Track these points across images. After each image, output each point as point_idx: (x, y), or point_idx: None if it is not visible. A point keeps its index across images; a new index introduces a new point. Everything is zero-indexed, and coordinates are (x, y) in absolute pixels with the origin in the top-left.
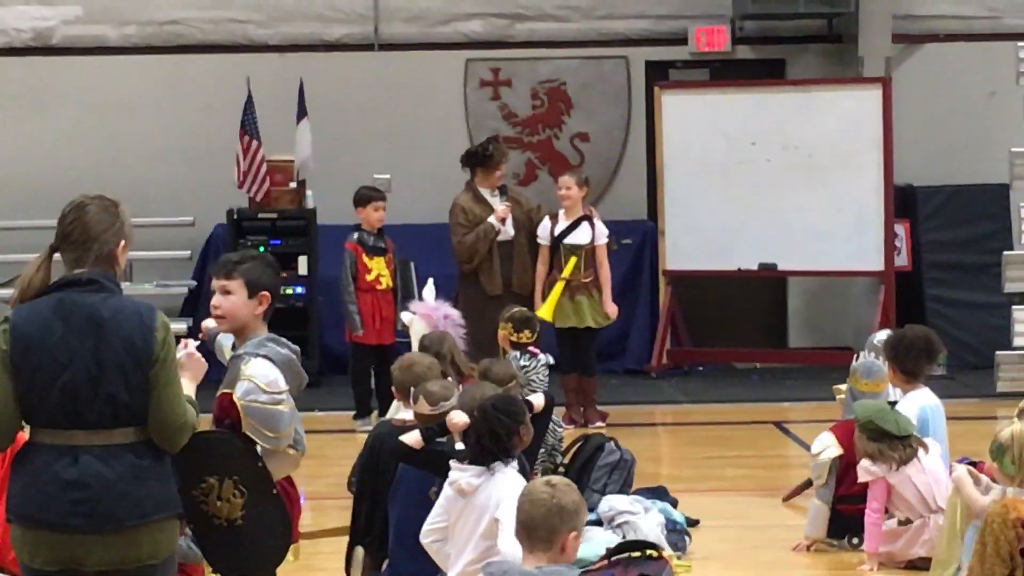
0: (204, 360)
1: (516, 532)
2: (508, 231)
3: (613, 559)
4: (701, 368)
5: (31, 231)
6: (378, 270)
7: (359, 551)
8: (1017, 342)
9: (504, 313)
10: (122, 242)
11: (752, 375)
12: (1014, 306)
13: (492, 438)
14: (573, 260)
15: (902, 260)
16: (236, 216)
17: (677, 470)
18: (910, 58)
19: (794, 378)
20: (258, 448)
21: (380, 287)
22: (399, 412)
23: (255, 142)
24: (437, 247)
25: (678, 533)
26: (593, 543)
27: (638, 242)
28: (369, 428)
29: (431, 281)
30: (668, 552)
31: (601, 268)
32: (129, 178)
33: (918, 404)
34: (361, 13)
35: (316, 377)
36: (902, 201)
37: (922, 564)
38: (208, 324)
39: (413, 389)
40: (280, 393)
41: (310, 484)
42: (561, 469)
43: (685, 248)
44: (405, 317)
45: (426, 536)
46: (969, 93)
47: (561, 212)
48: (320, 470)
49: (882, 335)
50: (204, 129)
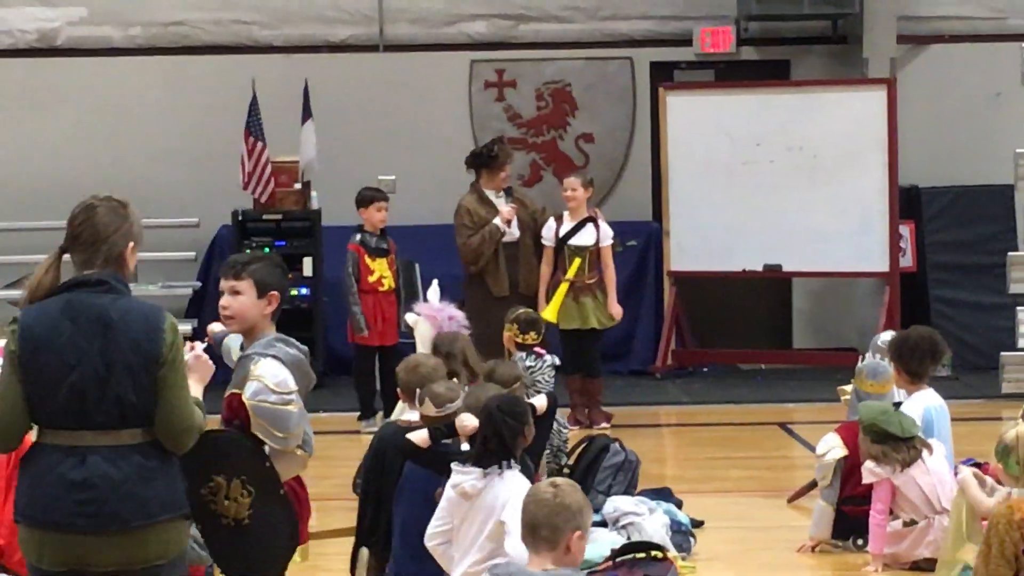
0: (211, 362)
1: (521, 533)
2: (514, 232)
3: (618, 560)
4: (706, 369)
5: (35, 232)
6: (380, 271)
7: (364, 552)
8: (1022, 343)
9: (509, 314)
10: (131, 243)
11: (757, 376)
12: (1019, 307)
13: (496, 440)
14: (577, 261)
15: (907, 261)
16: (241, 217)
17: (682, 471)
18: (915, 59)
19: (799, 379)
20: (266, 448)
21: (382, 288)
22: (404, 413)
23: (260, 143)
24: (442, 248)
25: (683, 534)
26: (598, 544)
27: (643, 243)
28: (374, 429)
29: (435, 282)
30: (673, 553)
31: (606, 269)
32: (133, 179)
33: (922, 405)
34: (366, 14)
35: (321, 378)
36: (907, 202)
37: (927, 565)
38: (214, 328)
39: (419, 391)
40: (290, 393)
41: (316, 485)
42: (566, 470)
43: (690, 249)
44: (410, 318)
45: (431, 539)
46: (974, 94)
47: (566, 213)
48: (325, 471)
49: (886, 336)
50: (209, 130)
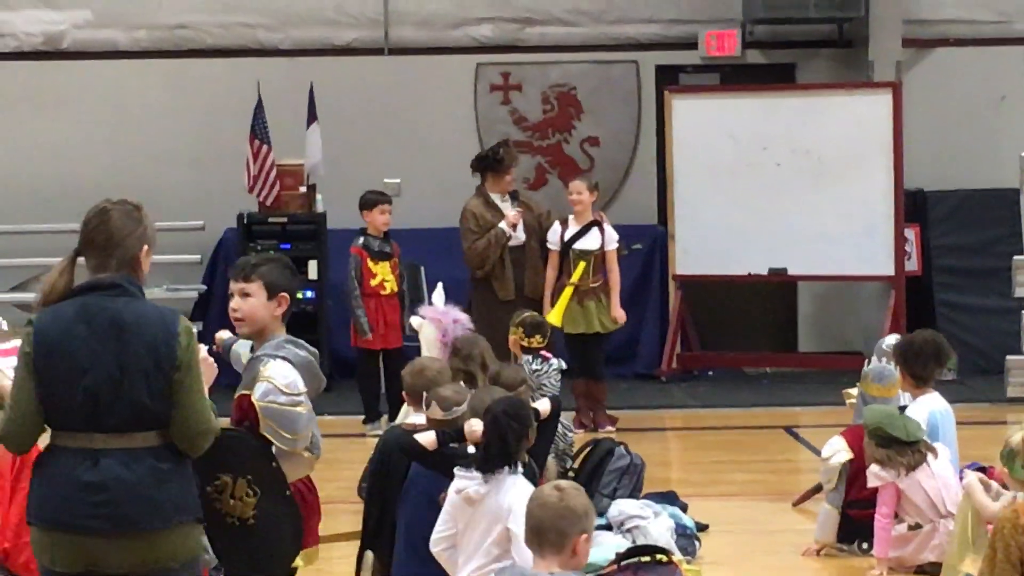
0: (215, 364)
1: (526, 537)
2: (519, 236)
3: (623, 564)
4: (711, 372)
5: (40, 235)
6: (383, 275)
7: (369, 555)
8: None
9: (515, 318)
10: (145, 247)
11: (762, 379)
12: None
13: (499, 444)
14: (582, 265)
15: (912, 265)
16: (246, 220)
17: (687, 475)
18: (920, 63)
19: (804, 383)
20: (273, 449)
21: (384, 292)
22: (409, 416)
23: (265, 146)
24: (447, 251)
25: (688, 538)
26: (602, 548)
27: (648, 247)
28: (379, 433)
29: (440, 285)
30: (678, 557)
31: (611, 273)
32: (139, 182)
33: (927, 409)
34: (371, 17)
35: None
36: (912, 205)
37: (932, 569)
38: (222, 335)
39: (426, 394)
40: (298, 395)
41: (320, 488)
42: (571, 474)
43: (695, 252)
44: (415, 322)
45: (435, 544)
46: (979, 97)
47: (571, 217)
48: (330, 474)
49: (891, 340)
50: (214, 133)
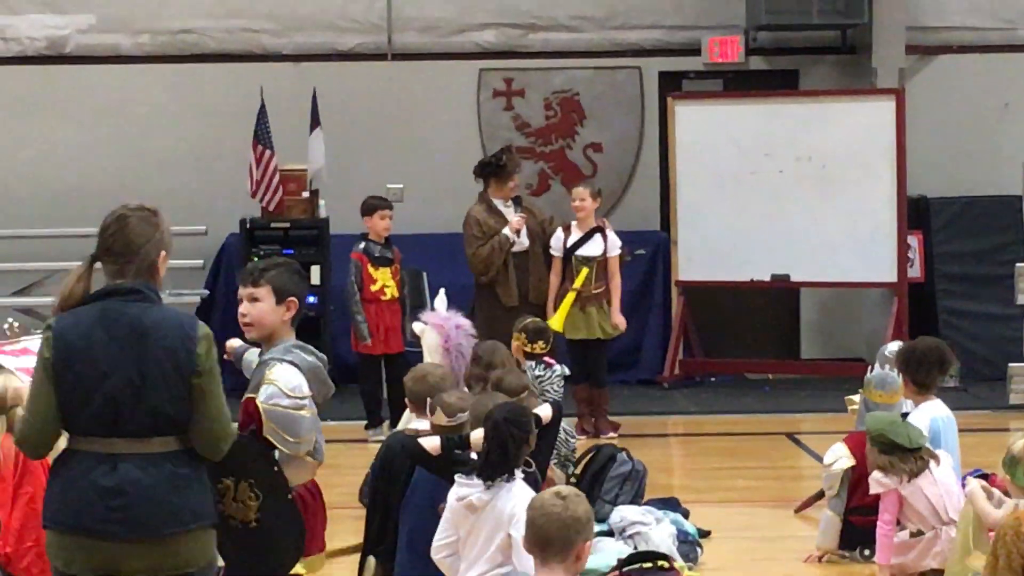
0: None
1: (527, 546)
2: (523, 242)
3: (624, 570)
4: (713, 379)
5: (44, 239)
6: (383, 280)
7: (371, 561)
8: None
9: (517, 324)
10: (163, 252)
11: (764, 386)
12: None
13: (500, 451)
14: (585, 271)
15: (915, 271)
16: (249, 225)
17: (689, 481)
18: (924, 69)
19: (806, 389)
20: (276, 454)
21: (385, 297)
22: (411, 422)
23: (268, 151)
24: (450, 257)
25: (689, 544)
26: (604, 554)
27: (651, 253)
28: (381, 438)
29: (442, 291)
30: (679, 563)
31: (612, 280)
32: (142, 186)
33: (929, 416)
34: (374, 23)
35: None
36: (915, 212)
37: None
38: (233, 343)
39: (430, 400)
40: (303, 399)
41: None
42: (572, 480)
43: (698, 259)
44: (416, 327)
45: (437, 552)
46: (983, 104)
47: (574, 223)
48: (333, 479)
49: (893, 347)
50: (217, 138)
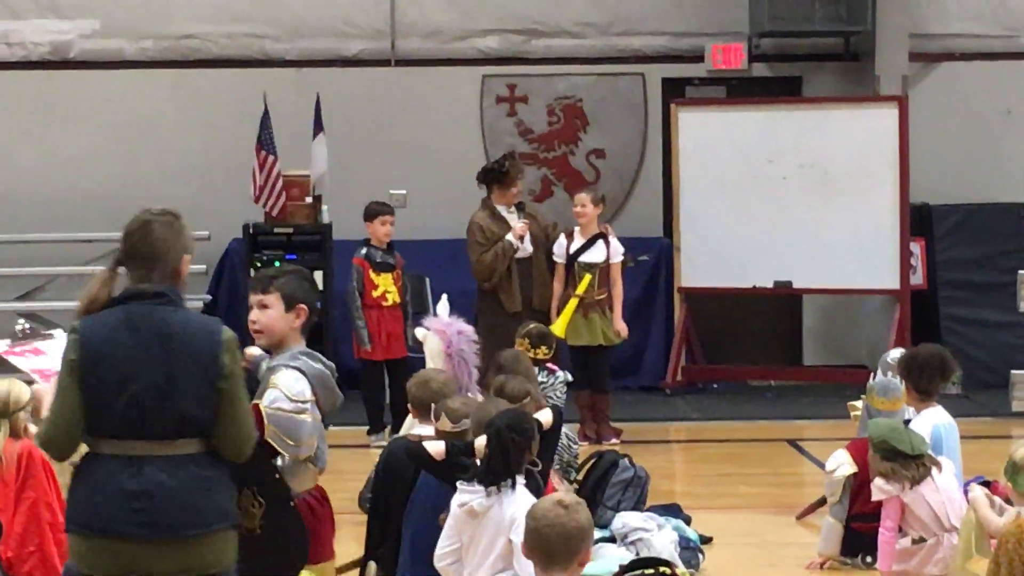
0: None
1: (529, 553)
2: (526, 248)
3: None
4: (716, 385)
5: (47, 244)
6: (384, 286)
7: (372, 566)
8: None
9: (520, 329)
10: (185, 256)
11: (766, 392)
12: None
13: (501, 458)
14: (587, 278)
15: (917, 278)
16: (252, 231)
17: (691, 487)
18: (927, 76)
19: (808, 396)
20: (277, 460)
21: (386, 303)
22: (414, 428)
23: (271, 157)
24: (452, 263)
25: (691, 550)
26: (606, 560)
27: (653, 259)
28: (383, 444)
29: (445, 297)
30: (681, 569)
31: (614, 286)
32: (144, 191)
33: (931, 422)
34: (378, 29)
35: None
36: (918, 219)
37: None
38: (253, 351)
39: (434, 406)
40: (304, 403)
41: None
42: (575, 486)
43: (700, 265)
44: (419, 333)
45: (440, 559)
46: (985, 112)
47: (576, 230)
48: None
49: (895, 353)
50: (220, 143)
